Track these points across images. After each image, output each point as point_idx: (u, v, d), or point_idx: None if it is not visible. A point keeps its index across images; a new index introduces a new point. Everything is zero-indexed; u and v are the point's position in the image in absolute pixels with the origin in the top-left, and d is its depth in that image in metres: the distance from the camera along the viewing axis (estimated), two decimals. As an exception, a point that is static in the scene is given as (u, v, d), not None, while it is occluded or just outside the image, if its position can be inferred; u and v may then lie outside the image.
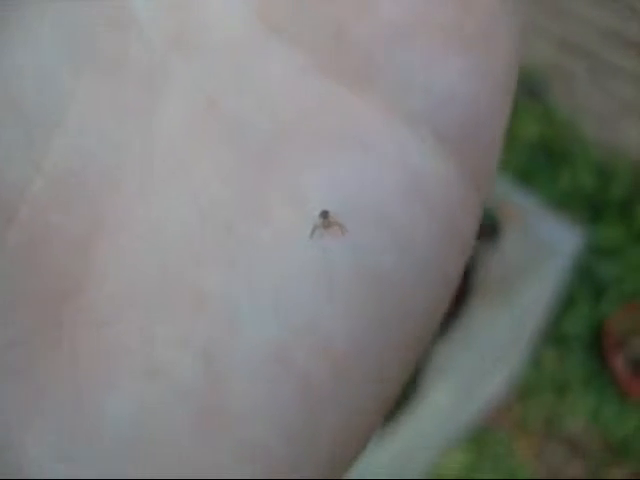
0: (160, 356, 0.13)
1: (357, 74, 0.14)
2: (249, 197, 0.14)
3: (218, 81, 0.14)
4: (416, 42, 0.14)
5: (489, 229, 1.01)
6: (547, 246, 1.04)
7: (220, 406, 0.13)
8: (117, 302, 0.13)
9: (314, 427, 0.13)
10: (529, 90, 1.40)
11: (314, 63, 0.14)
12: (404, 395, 0.89)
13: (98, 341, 0.13)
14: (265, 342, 0.13)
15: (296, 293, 0.13)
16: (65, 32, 0.14)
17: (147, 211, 0.14)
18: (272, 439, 0.13)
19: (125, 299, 0.13)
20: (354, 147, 0.14)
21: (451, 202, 0.14)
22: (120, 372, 0.13)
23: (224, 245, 0.14)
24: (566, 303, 1.22)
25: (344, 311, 0.14)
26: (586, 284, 1.26)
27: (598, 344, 1.24)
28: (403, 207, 0.14)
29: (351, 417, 0.14)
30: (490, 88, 0.15)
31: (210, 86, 0.14)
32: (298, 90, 0.14)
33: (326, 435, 0.14)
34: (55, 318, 0.13)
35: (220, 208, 0.14)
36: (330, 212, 0.14)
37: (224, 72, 0.14)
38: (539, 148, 1.37)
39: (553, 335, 1.22)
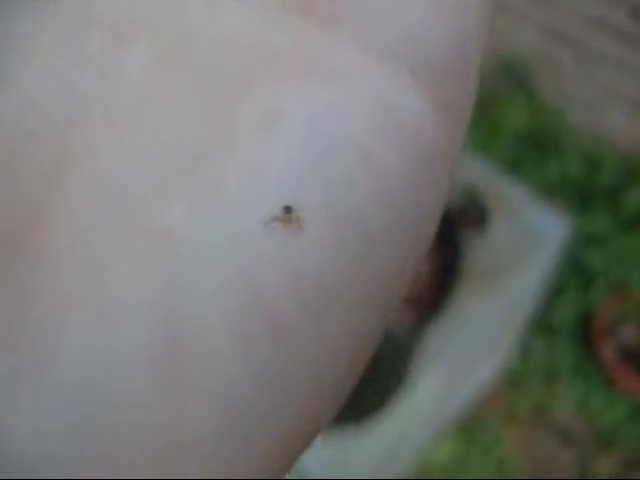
0: (115, 290, 0.12)
1: (325, 14, 0.14)
2: (215, 130, 0.14)
3: (184, 28, 0.14)
4: None
5: (477, 217, 1.00)
6: (535, 234, 1.04)
7: (179, 343, 0.12)
8: (75, 239, 0.13)
9: (286, 364, 0.13)
10: (516, 78, 1.39)
11: (282, 7, 0.14)
12: (394, 383, 0.89)
13: (52, 281, 0.12)
14: (230, 274, 0.13)
15: (262, 226, 0.13)
16: None
17: (111, 148, 0.13)
18: (237, 381, 0.13)
19: (83, 237, 0.13)
20: (325, 79, 0.14)
21: (426, 138, 0.14)
22: (72, 315, 0.12)
23: (190, 179, 0.13)
24: (554, 292, 1.22)
25: (312, 244, 0.13)
26: (574, 273, 1.26)
27: (586, 333, 1.24)
28: (375, 138, 0.14)
29: (327, 359, 0.14)
30: (463, 25, 0.15)
31: (176, 34, 0.14)
32: (263, 31, 0.14)
33: (300, 380, 0.13)
34: (10, 256, 0.13)
35: (186, 145, 0.14)
36: (293, 209, 0.13)
37: (190, 20, 0.14)
38: (526, 136, 1.36)
39: (541, 324, 1.23)
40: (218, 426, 0.13)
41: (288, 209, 0.13)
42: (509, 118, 1.36)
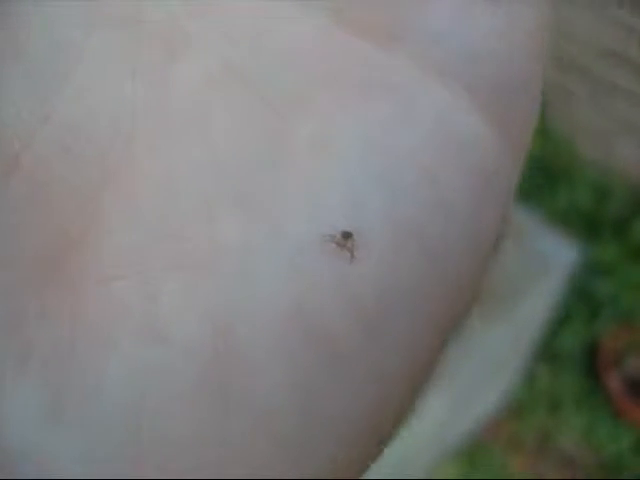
0: (164, 316, 0.12)
1: (383, 30, 0.14)
2: (271, 147, 0.13)
3: (240, 42, 0.14)
4: None
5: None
6: (544, 262, 1.03)
7: (228, 362, 0.12)
8: (122, 257, 0.13)
9: (335, 391, 0.13)
10: (528, 107, 1.40)
11: (337, 21, 0.14)
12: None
13: (100, 298, 0.12)
14: (281, 298, 0.12)
15: (320, 248, 0.13)
16: None
17: (159, 164, 0.13)
18: (286, 400, 0.12)
19: (131, 254, 0.13)
20: (384, 96, 0.14)
21: (488, 163, 0.14)
22: (121, 331, 0.12)
23: (245, 197, 0.13)
24: (561, 320, 1.21)
25: (375, 267, 0.13)
26: (581, 302, 1.26)
27: (592, 362, 1.23)
28: (435, 156, 0.13)
29: (380, 384, 0.13)
30: (523, 54, 0.14)
31: (232, 47, 0.14)
32: (322, 48, 0.14)
33: (349, 402, 0.13)
34: (55, 272, 0.12)
35: (241, 160, 0.13)
36: (354, 236, 0.13)
37: (246, 34, 0.14)
38: (538, 165, 1.37)
39: (547, 352, 1.22)
40: (265, 451, 0.12)
41: (347, 234, 0.13)
42: (520, 146, 1.36)
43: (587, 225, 1.32)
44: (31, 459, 0.12)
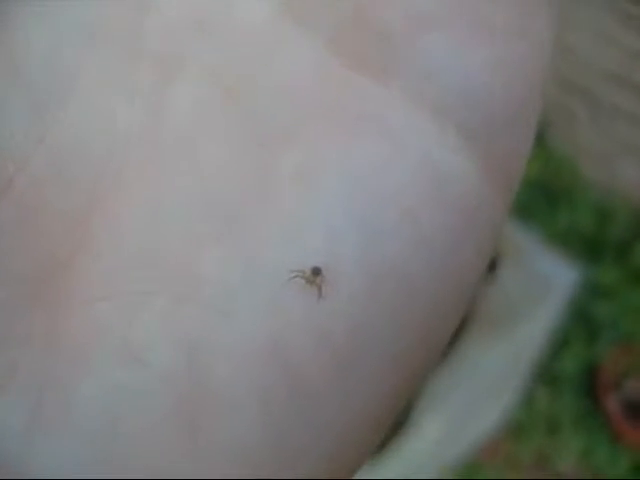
0: (141, 340, 0.12)
1: (378, 62, 0.14)
2: (256, 179, 0.13)
3: (235, 70, 0.14)
4: (442, 31, 0.13)
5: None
6: (544, 283, 1.03)
7: (201, 398, 0.12)
8: (106, 280, 0.13)
9: (306, 427, 0.13)
10: (530, 128, 1.40)
11: (334, 52, 0.14)
12: (395, 425, 0.88)
13: (81, 317, 0.12)
14: (258, 333, 0.12)
15: (290, 284, 0.13)
16: (79, 11, 0.13)
17: (149, 190, 0.13)
18: (256, 437, 0.12)
19: (114, 277, 0.13)
20: (372, 133, 0.14)
21: (470, 201, 0.14)
22: (98, 352, 0.12)
23: (227, 230, 0.13)
24: (560, 342, 1.21)
25: (346, 304, 0.13)
26: (581, 324, 1.25)
27: (591, 385, 1.23)
28: (418, 197, 0.13)
29: (349, 419, 0.13)
30: (519, 84, 0.14)
31: (227, 75, 0.14)
32: (318, 80, 0.14)
33: (319, 438, 0.13)
34: (41, 294, 0.13)
35: (226, 191, 0.13)
36: (322, 272, 0.13)
37: (242, 61, 0.14)
38: (539, 186, 1.37)
39: (546, 373, 1.22)
40: (233, 475, 0.12)
41: (316, 270, 0.13)
42: (522, 166, 1.36)
43: (588, 247, 1.32)
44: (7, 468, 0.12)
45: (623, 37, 1.29)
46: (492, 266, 1.01)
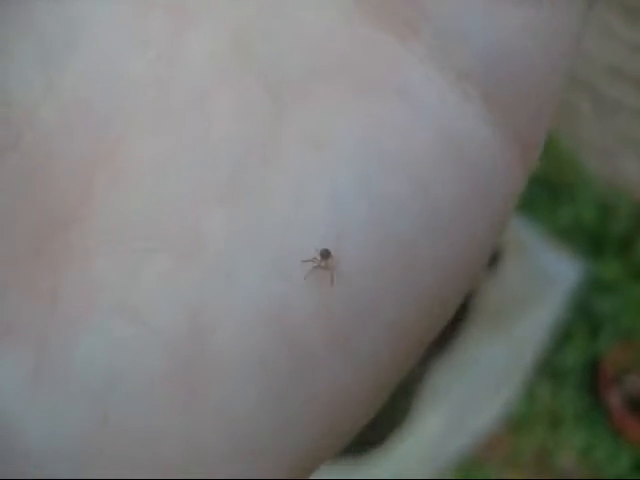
0: (141, 298, 0.12)
1: (404, 22, 0.13)
2: (265, 138, 0.13)
3: (252, 21, 0.13)
4: None
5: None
6: (545, 278, 1.03)
7: (201, 359, 0.12)
8: (107, 236, 0.13)
9: (302, 395, 0.13)
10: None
11: (360, 9, 0.13)
12: (395, 418, 0.88)
13: (80, 274, 0.12)
14: (260, 296, 0.12)
15: (301, 247, 0.13)
16: None
17: (156, 146, 0.13)
18: (254, 403, 0.12)
19: (116, 234, 0.13)
20: (391, 94, 0.13)
21: (487, 167, 0.13)
22: (97, 308, 0.12)
23: (232, 188, 0.13)
24: (562, 336, 1.21)
25: (351, 269, 0.13)
26: (583, 319, 1.25)
27: (593, 380, 1.23)
28: (433, 167, 0.13)
29: (346, 385, 0.13)
30: (553, 54, 0.13)
31: (243, 26, 0.13)
32: (340, 36, 0.13)
33: (316, 402, 0.13)
34: (42, 249, 0.12)
35: (232, 147, 0.13)
36: (332, 254, 0.13)
37: (259, 12, 0.13)
38: (541, 180, 1.37)
39: (548, 368, 1.22)
40: (230, 442, 0.12)
41: (325, 253, 0.13)
42: (524, 161, 1.36)
43: (590, 242, 1.32)
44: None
45: (626, 31, 1.29)
46: (493, 260, 1.01)
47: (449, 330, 0.91)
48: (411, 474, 1.02)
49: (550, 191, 1.37)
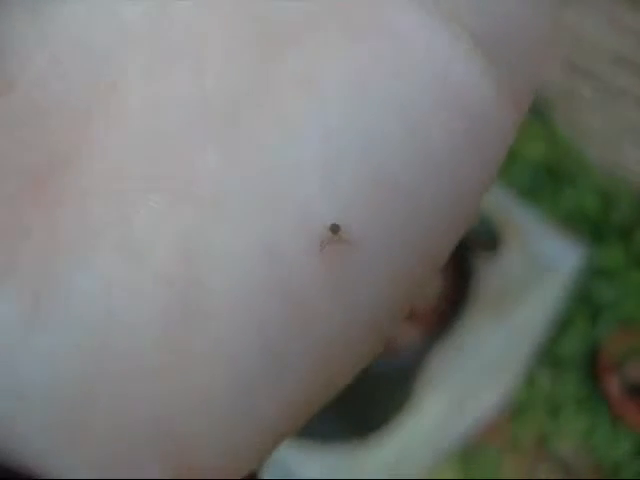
0: (137, 237, 0.12)
1: None
2: (259, 83, 0.13)
3: None
4: None
5: (489, 243, 1.00)
6: (546, 264, 1.03)
7: (197, 296, 0.12)
8: (103, 178, 0.13)
9: (296, 340, 0.13)
10: (535, 109, 1.40)
11: None
12: (396, 402, 0.89)
13: (79, 214, 0.12)
14: (252, 235, 0.12)
15: (295, 187, 0.13)
16: None
17: (151, 89, 0.13)
18: (251, 342, 0.12)
19: (112, 176, 0.13)
20: (381, 40, 0.13)
21: (480, 114, 0.13)
22: (95, 247, 0.12)
23: (225, 129, 0.13)
24: (562, 323, 1.21)
25: (344, 208, 0.13)
26: (583, 305, 1.25)
27: (593, 366, 1.23)
28: (422, 102, 0.13)
29: (343, 334, 0.13)
30: (538, 10, 0.13)
31: None
32: None
33: (311, 352, 0.13)
34: (40, 191, 0.13)
35: (227, 92, 0.13)
36: (341, 228, 0.13)
37: None
38: (543, 167, 1.37)
39: (548, 354, 1.22)
40: (224, 388, 0.12)
41: (335, 228, 0.13)
42: (526, 148, 1.36)
43: (591, 229, 1.32)
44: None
45: (629, 19, 1.28)
46: (494, 246, 1.01)
47: (450, 315, 0.91)
48: (412, 459, 1.03)
49: (552, 178, 1.37)
